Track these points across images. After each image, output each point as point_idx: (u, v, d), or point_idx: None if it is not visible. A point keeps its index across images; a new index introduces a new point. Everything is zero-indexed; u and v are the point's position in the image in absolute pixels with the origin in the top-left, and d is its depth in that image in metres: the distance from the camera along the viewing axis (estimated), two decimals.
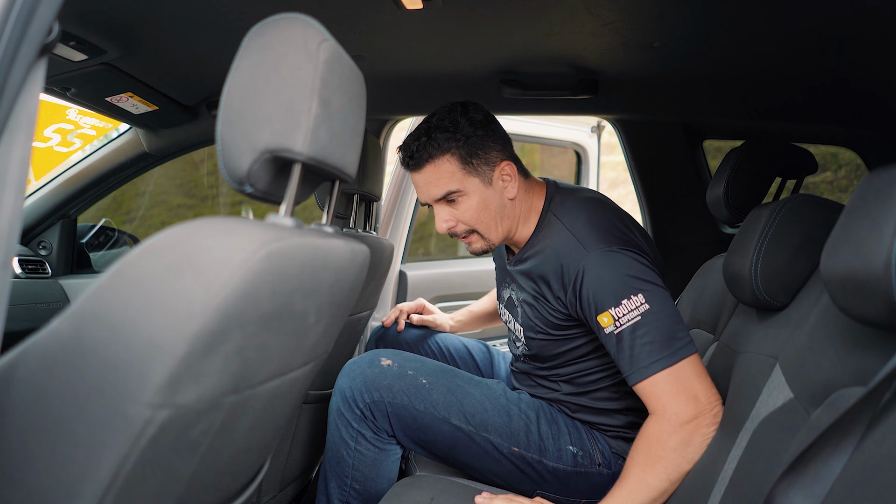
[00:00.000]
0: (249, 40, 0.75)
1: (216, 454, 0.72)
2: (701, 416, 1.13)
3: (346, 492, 1.36)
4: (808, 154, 1.44)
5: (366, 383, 1.34)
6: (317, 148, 0.74)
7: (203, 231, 0.62)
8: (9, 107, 0.58)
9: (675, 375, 1.16)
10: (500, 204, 1.37)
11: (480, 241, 1.40)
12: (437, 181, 1.34)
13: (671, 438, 1.14)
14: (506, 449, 1.33)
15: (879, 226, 0.67)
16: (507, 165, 1.37)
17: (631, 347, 1.19)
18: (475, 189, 1.34)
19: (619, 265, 1.23)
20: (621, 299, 1.20)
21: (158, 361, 0.57)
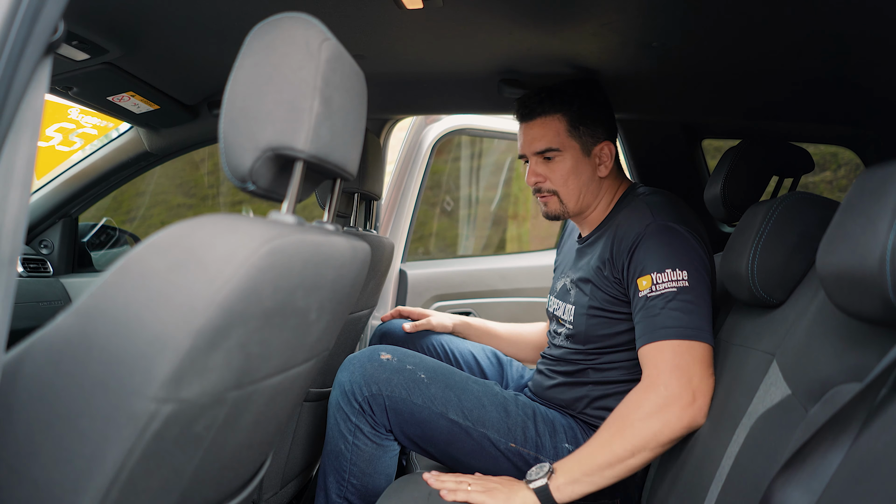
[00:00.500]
0: (252, 39, 0.76)
1: (219, 449, 0.73)
2: (688, 402, 1.15)
3: (343, 487, 1.36)
4: (805, 153, 1.45)
5: (364, 377, 1.35)
6: (318, 146, 0.75)
7: (206, 228, 0.63)
8: (15, 105, 0.59)
9: (683, 350, 1.19)
10: (590, 177, 1.48)
11: (557, 205, 1.49)
12: (542, 136, 1.46)
13: (650, 408, 1.17)
14: (503, 445, 1.33)
15: (874, 223, 0.68)
16: (608, 146, 1.48)
17: (656, 311, 1.23)
18: (573, 154, 1.46)
19: (676, 239, 1.29)
20: (665, 268, 1.26)
21: (163, 356, 0.57)
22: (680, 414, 1.15)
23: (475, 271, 2.60)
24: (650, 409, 1.17)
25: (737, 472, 0.95)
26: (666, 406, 1.16)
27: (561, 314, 1.53)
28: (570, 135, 1.46)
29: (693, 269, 1.26)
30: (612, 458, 1.16)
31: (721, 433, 1.04)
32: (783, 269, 1.08)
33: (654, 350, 1.22)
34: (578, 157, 1.46)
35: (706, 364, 1.20)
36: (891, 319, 0.67)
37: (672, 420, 1.15)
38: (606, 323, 1.40)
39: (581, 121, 1.46)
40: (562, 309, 1.53)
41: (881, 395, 0.72)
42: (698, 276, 1.26)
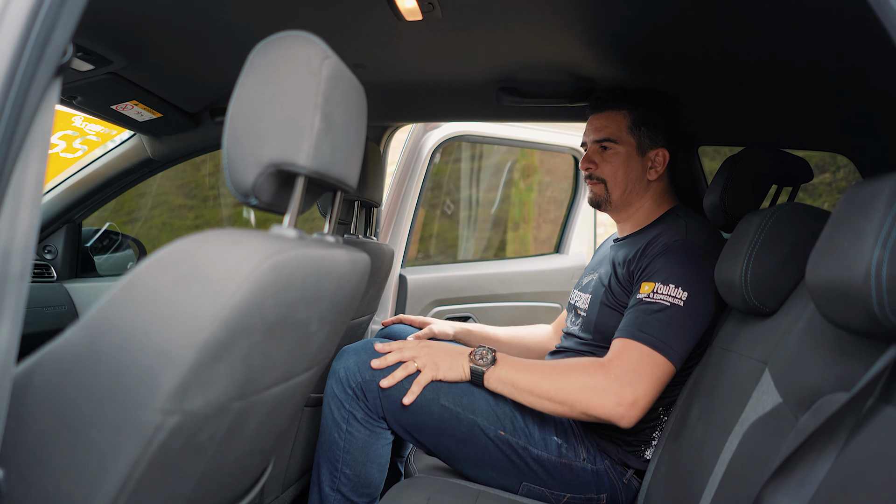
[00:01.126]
0: (254, 58, 0.78)
1: (223, 457, 0.75)
2: (626, 404, 1.24)
3: (336, 478, 1.38)
4: (804, 163, 1.46)
5: (358, 364, 1.37)
6: (319, 161, 0.77)
7: (211, 244, 0.65)
8: (26, 126, 0.61)
9: (648, 359, 1.27)
10: (639, 176, 1.57)
11: (603, 192, 1.59)
12: (604, 127, 1.57)
13: (592, 384, 1.27)
14: (492, 432, 1.36)
15: (861, 238, 0.69)
16: (663, 153, 1.57)
17: (644, 315, 1.31)
18: (627, 149, 1.56)
19: (695, 261, 1.35)
20: (670, 282, 1.32)
21: (169, 370, 0.59)
22: (612, 407, 1.25)
23: (475, 276, 2.62)
24: (591, 384, 1.27)
25: (729, 478, 0.97)
26: (605, 392, 1.26)
27: (579, 304, 1.62)
28: (630, 132, 1.56)
29: (696, 293, 1.31)
30: (536, 389, 1.32)
31: (714, 440, 1.06)
32: (776, 279, 1.10)
33: (625, 345, 1.30)
34: (632, 153, 1.56)
35: (659, 381, 1.27)
36: (876, 331, 0.69)
37: (602, 406, 1.26)
38: (614, 315, 1.45)
39: (644, 122, 1.56)
40: (581, 299, 1.62)
41: (868, 405, 0.74)
42: (698, 302, 1.31)
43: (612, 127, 1.57)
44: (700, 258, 1.36)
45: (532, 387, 1.32)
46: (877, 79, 1.26)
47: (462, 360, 1.38)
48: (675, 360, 1.28)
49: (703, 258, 1.36)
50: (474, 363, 1.37)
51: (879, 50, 1.22)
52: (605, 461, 1.40)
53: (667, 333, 1.27)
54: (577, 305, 1.64)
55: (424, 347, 1.41)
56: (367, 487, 1.38)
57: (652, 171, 1.57)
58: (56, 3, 0.60)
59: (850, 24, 1.05)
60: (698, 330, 1.32)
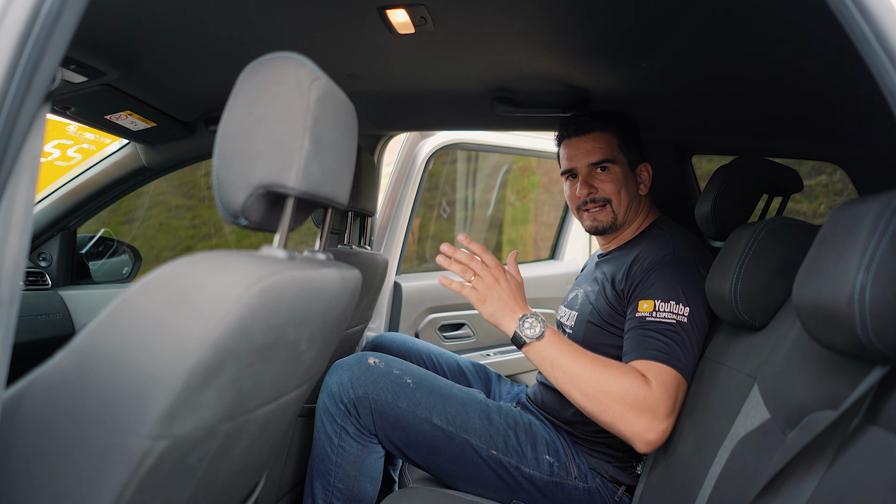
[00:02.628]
0: (244, 79, 0.78)
1: (212, 477, 0.75)
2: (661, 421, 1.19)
3: (329, 492, 1.38)
4: (794, 173, 1.47)
5: (352, 380, 1.37)
6: (309, 182, 0.77)
7: (199, 267, 0.65)
8: (15, 153, 0.61)
9: (675, 381, 1.23)
10: (635, 193, 1.59)
11: (609, 215, 1.57)
12: (598, 149, 1.56)
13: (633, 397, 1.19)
14: (484, 452, 1.36)
15: (845, 260, 0.70)
16: (647, 167, 1.60)
17: (647, 335, 1.28)
18: (623, 168, 1.57)
19: (689, 275, 1.35)
20: (671, 299, 1.30)
21: (157, 395, 0.60)
22: (643, 430, 1.18)
23: None
24: (632, 398, 1.19)
25: (718, 493, 0.97)
26: (641, 412, 1.19)
27: (565, 321, 1.61)
28: (621, 149, 1.57)
29: (695, 308, 1.31)
30: (574, 377, 1.22)
31: (704, 454, 1.07)
32: (765, 294, 1.10)
33: (652, 367, 1.24)
34: (627, 171, 1.58)
35: (680, 398, 1.24)
36: (860, 353, 0.70)
37: (634, 424, 1.18)
38: (602, 333, 1.45)
39: (629, 139, 1.59)
40: (567, 316, 1.61)
41: (854, 424, 0.74)
42: (698, 317, 1.30)
43: (606, 147, 1.56)
44: (691, 271, 1.36)
45: (571, 374, 1.23)
46: (867, 89, 1.26)
47: (511, 318, 1.27)
48: (688, 377, 1.26)
49: (694, 271, 1.36)
50: (520, 330, 1.26)
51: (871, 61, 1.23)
52: (597, 479, 1.41)
53: (682, 352, 1.26)
54: (563, 322, 1.63)
55: (492, 277, 1.29)
56: (360, 501, 1.38)
57: (642, 185, 1.59)
58: (44, 33, 0.61)
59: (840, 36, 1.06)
60: (701, 342, 1.31)
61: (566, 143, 1.61)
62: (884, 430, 0.70)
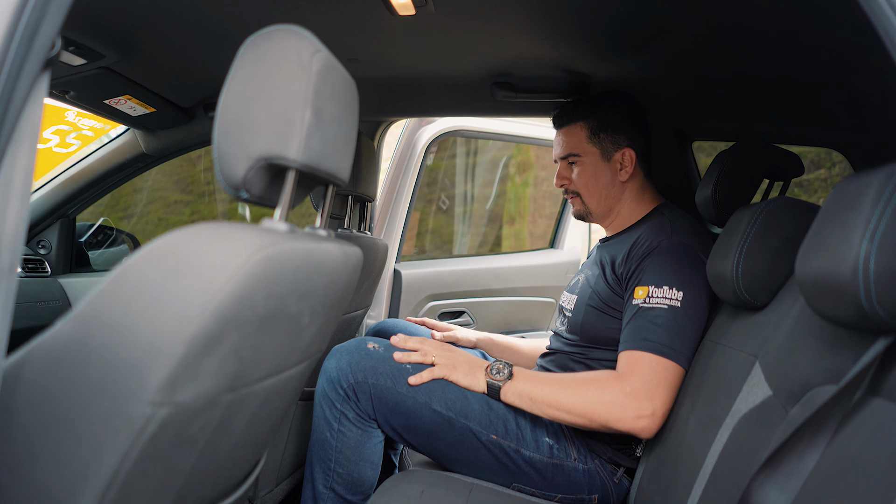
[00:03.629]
0: (244, 52, 0.78)
1: (214, 450, 0.75)
2: (646, 415, 1.24)
3: (329, 477, 1.37)
4: (795, 157, 1.47)
5: (351, 365, 1.36)
6: (310, 155, 0.77)
7: (201, 236, 0.65)
8: (14, 119, 0.61)
9: (658, 366, 1.26)
10: (609, 181, 1.59)
11: (581, 205, 1.63)
12: (566, 142, 1.61)
13: (610, 397, 1.26)
14: (484, 437, 1.36)
15: (849, 232, 0.70)
16: (629, 152, 1.58)
17: (641, 322, 1.31)
18: (592, 160, 1.58)
19: (685, 259, 1.36)
20: (664, 284, 1.32)
21: (158, 363, 0.60)
22: (633, 421, 1.25)
23: (469, 271, 2.62)
24: (609, 399, 1.26)
25: (720, 471, 0.97)
26: (624, 406, 1.25)
27: (566, 304, 1.62)
28: (591, 141, 1.58)
29: (691, 291, 1.31)
30: (554, 401, 1.31)
31: (705, 433, 1.07)
32: (766, 273, 1.10)
33: (633, 356, 1.29)
34: (597, 161, 1.58)
35: (673, 387, 1.27)
36: (864, 324, 0.69)
37: (622, 419, 1.25)
38: (601, 317, 1.46)
39: (602, 128, 1.57)
40: (568, 300, 1.62)
41: (856, 397, 0.74)
42: (693, 300, 1.31)
43: (573, 141, 1.60)
44: (688, 255, 1.36)
45: (550, 400, 1.31)
46: (869, 75, 1.26)
47: (479, 373, 1.39)
48: (684, 362, 1.28)
49: (692, 255, 1.36)
50: (491, 378, 1.37)
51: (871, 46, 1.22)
52: (596, 461, 1.41)
53: (672, 338, 1.27)
54: (563, 306, 1.65)
55: (446, 350, 1.44)
56: (361, 486, 1.38)
57: (622, 171, 1.58)
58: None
59: (841, 20, 1.06)
60: (699, 327, 1.32)
61: (555, 134, 1.68)
62: (887, 402, 0.69)
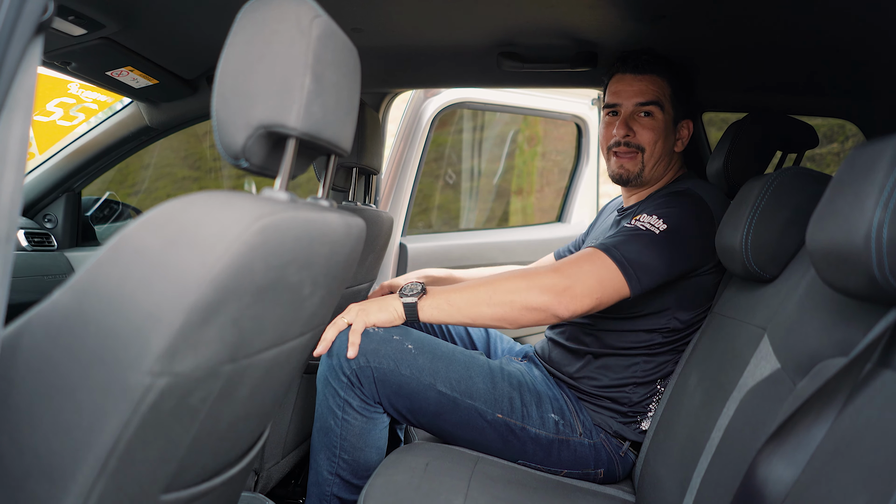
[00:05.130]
0: (242, 17, 0.76)
1: (215, 421, 0.74)
2: (553, 292, 1.24)
3: (335, 463, 1.37)
4: (809, 128, 1.44)
5: None
6: (310, 123, 0.75)
7: (199, 205, 0.64)
8: (7, 85, 0.60)
9: (600, 263, 1.26)
10: (669, 147, 1.52)
11: (637, 164, 1.51)
12: (651, 91, 1.49)
13: (531, 277, 1.27)
14: (490, 416, 1.35)
15: (861, 200, 0.68)
16: (689, 124, 1.54)
17: (616, 236, 1.32)
18: (668, 118, 1.51)
19: (687, 206, 1.35)
20: (654, 214, 1.32)
21: (156, 332, 0.59)
22: (545, 293, 1.24)
23: (475, 245, 2.60)
24: (532, 279, 1.27)
25: (726, 444, 0.97)
26: (542, 282, 1.25)
27: None
28: (671, 100, 1.51)
29: (675, 229, 1.30)
30: (474, 299, 1.29)
31: (712, 406, 1.06)
32: (776, 245, 1.09)
33: (587, 252, 1.30)
34: (670, 123, 1.51)
35: (606, 289, 1.26)
36: (876, 295, 0.68)
37: (538, 296, 1.24)
38: None
39: (679, 93, 1.52)
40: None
41: (866, 369, 0.73)
42: (676, 238, 1.29)
43: (659, 93, 1.49)
44: (696, 205, 1.34)
45: (469, 299, 1.29)
46: (883, 44, 1.23)
47: (392, 302, 1.35)
48: (634, 284, 1.26)
49: (700, 206, 1.35)
50: (406, 299, 1.33)
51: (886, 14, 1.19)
52: (601, 435, 1.40)
53: (632, 254, 1.26)
54: None
55: (355, 305, 1.38)
56: (367, 470, 1.37)
57: (679, 143, 1.54)
58: None
59: None
60: (669, 264, 1.28)
61: (618, 78, 1.54)
62: None
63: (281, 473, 1.59)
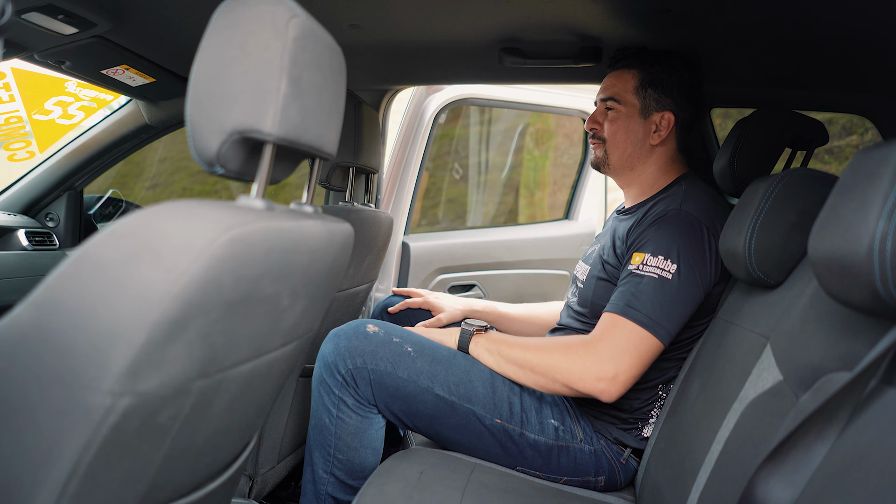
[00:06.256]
0: (217, 17, 0.74)
1: (190, 437, 0.72)
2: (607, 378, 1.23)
3: (329, 462, 1.35)
4: (820, 125, 1.39)
5: (349, 349, 1.32)
6: (288, 128, 0.73)
7: (164, 216, 0.61)
8: None
9: (633, 336, 1.24)
10: (640, 139, 1.51)
11: (602, 154, 1.55)
12: (612, 86, 1.53)
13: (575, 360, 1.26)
14: (488, 421, 1.32)
15: (866, 208, 0.64)
16: (668, 116, 1.50)
17: (629, 287, 1.28)
18: (630, 112, 1.50)
19: (689, 232, 1.31)
20: (660, 253, 1.29)
21: (117, 350, 0.57)
22: (593, 382, 1.24)
23: (480, 243, 2.57)
24: (573, 359, 1.26)
25: (726, 458, 0.93)
26: (585, 368, 1.25)
27: (579, 275, 1.58)
28: (636, 92, 1.50)
29: (687, 265, 1.26)
30: (521, 360, 1.33)
31: (713, 417, 1.02)
32: (781, 249, 1.04)
33: (611, 320, 1.28)
34: (634, 115, 1.50)
35: (643, 357, 1.24)
36: (880, 309, 0.64)
37: (582, 380, 1.25)
38: (608, 289, 1.41)
39: (652, 83, 1.49)
40: (582, 270, 1.58)
41: (870, 386, 0.69)
42: (688, 276, 1.26)
43: (618, 86, 1.51)
44: (692, 228, 1.30)
45: (517, 358, 1.33)
46: None
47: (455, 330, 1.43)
48: (664, 336, 1.24)
49: (696, 228, 1.30)
50: (467, 327, 1.42)
51: None
52: (602, 441, 1.37)
53: (655, 309, 1.24)
54: (577, 276, 1.59)
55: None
56: (362, 472, 1.34)
57: (655, 135, 1.50)
58: None
59: None
60: (689, 304, 1.27)
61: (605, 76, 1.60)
62: None
63: (278, 478, 1.57)
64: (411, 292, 1.81)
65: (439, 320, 1.72)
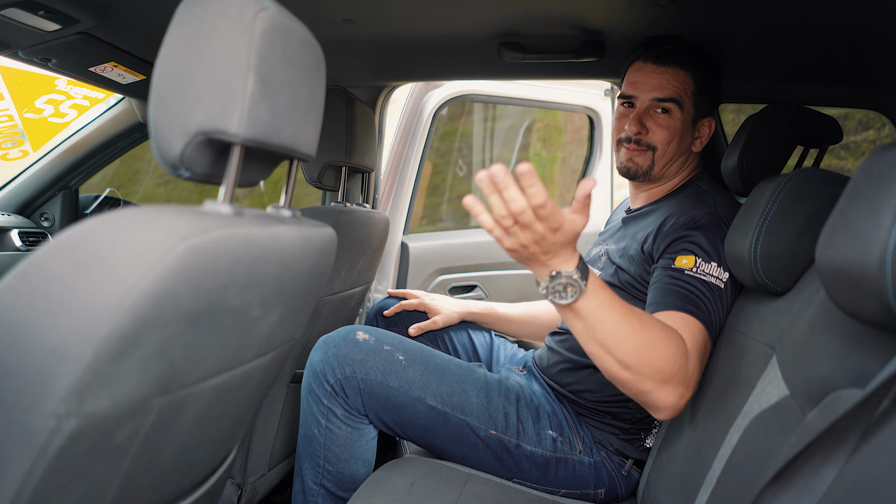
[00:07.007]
0: (182, 11, 0.70)
1: (153, 455, 0.68)
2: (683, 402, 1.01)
3: (319, 473, 1.30)
4: (833, 122, 1.33)
5: (338, 358, 1.27)
6: (256, 128, 0.68)
7: (119, 225, 0.57)
8: None
9: (703, 342, 1.09)
10: (685, 148, 1.39)
11: (647, 161, 1.37)
12: (672, 86, 1.34)
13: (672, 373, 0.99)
14: (483, 432, 1.27)
15: (878, 214, 0.59)
16: (710, 123, 1.41)
17: (695, 290, 1.12)
18: (686, 117, 1.36)
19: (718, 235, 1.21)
20: (712, 261, 1.17)
21: (61, 369, 0.52)
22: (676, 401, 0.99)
23: (480, 243, 2.50)
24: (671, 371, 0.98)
25: (728, 476, 0.88)
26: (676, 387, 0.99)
27: None
28: (694, 97, 1.36)
29: (732, 276, 1.18)
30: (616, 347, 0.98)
31: (716, 432, 0.97)
32: (789, 254, 0.99)
33: (685, 320, 1.08)
34: (688, 122, 1.37)
35: (704, 356, 1.10)
36: (892, 324, 0.59)
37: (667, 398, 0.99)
38: (622, 295, 1.30)
39: (703, 88, 1.37)
40: None
41: (882, 407, 0.64)
42: (732, 285, 1.18)
43: (678, 86, 1.34)
44: (721, 232, 1.22)
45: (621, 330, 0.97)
46: None
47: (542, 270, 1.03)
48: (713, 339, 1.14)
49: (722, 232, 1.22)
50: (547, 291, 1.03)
51: None
52: (602, 453, 1.32)
53: (717, 317, 1.13)
54: None
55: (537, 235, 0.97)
56: (353, 483, 1.30)
57: (698, 141, 1.40)
58: None
59: None
60: (729, 310, 1.18)
61: (638, 67, 1.39)
62: None
63: (269, 485, 1.53)
64: (407, 294, 1.73)
65: (434, 322, 1.65)
